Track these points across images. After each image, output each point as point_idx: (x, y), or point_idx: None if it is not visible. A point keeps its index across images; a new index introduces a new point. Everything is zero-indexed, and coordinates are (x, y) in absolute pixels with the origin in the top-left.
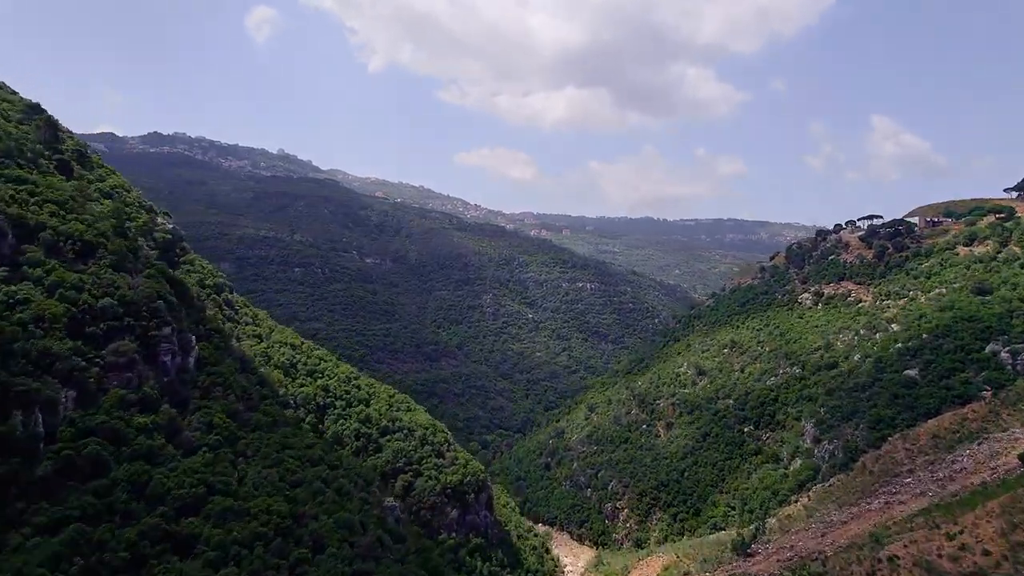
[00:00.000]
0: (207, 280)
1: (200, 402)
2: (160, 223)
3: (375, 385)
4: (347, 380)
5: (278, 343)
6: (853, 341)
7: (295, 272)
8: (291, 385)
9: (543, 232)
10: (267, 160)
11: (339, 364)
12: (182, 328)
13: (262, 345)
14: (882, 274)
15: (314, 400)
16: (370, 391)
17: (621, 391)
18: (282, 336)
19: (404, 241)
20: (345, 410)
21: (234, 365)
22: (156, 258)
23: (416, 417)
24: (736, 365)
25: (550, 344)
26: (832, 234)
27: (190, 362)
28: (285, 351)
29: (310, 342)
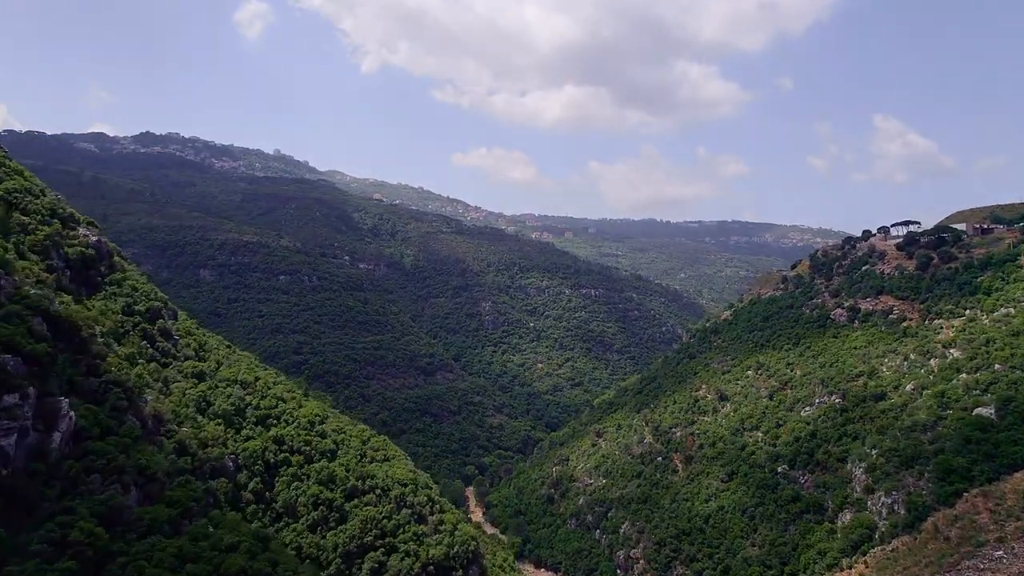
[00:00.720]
0: (137, 305)
1: (60, 502)
2: (80, 235)
3: (345, 429)
4: (310, 426)
5: (225, 382)
6: (902, 368)
7: (280, 280)
8: (233, 440)
9: (545, 235)
10: (263, 161)
11: (303, 403)
12: (47, 391)
13: (201, 387)
14: (928, 288)
15: (262, 459)
16: (337, 439)
17: (631, 415)
18: (232, 371)
19: (399, 246)
20: (303, 468)
21: (134, 431)
22: (67, 280)
23: (394, 470)
24: (763, 390)
25: (552, 355)
26: (861, 241)
27: (54, 440)
28: (232, 392)
29: (270, 373)
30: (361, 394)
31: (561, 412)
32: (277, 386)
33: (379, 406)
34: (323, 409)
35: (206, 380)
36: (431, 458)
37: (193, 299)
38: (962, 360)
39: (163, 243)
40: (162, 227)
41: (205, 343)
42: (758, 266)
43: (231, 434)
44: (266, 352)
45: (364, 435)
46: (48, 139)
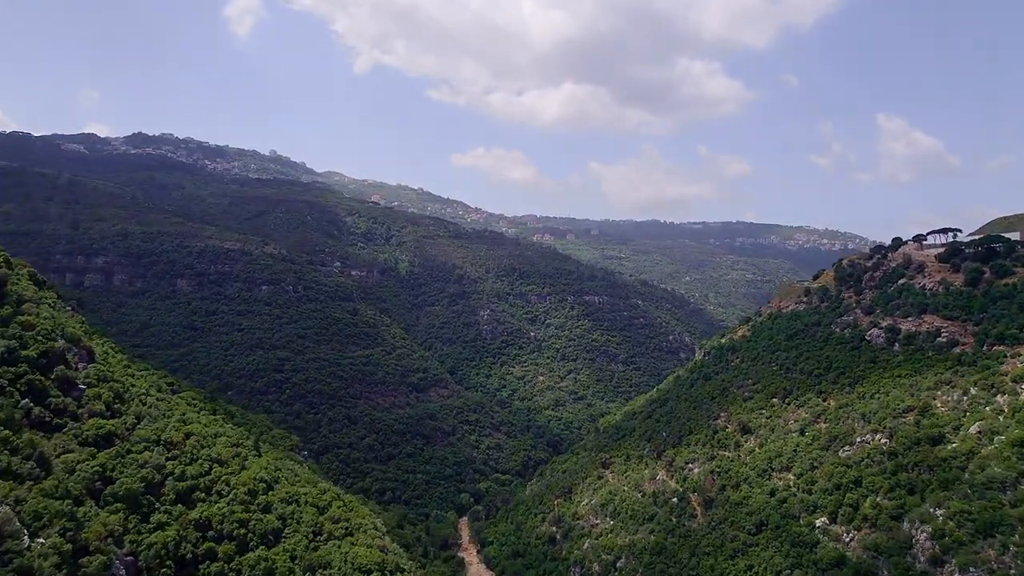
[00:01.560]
0: (27, 349)
1: None
2: None
3: (300, 494)
4: (250, 497)
5: (142, 443)
6: (960, 404)
7: (261, 291)
8: (137, 532)
9: (546, 237)
10: (258, 162)
11: (249, 461)
12: None
13: (103, 457)
14: (983, 308)
15: (175, 555)
16: (286, 512)
17: (641, 444)
18: (154, 428)
19: (394, 251)
20: (233, 561)
21: None
22: None
23: (357, 550)
24: (792, 423)
25: (554, 366)
26: (892, 251)
27: None
28: (148, 459)
29: (214, 421)
30: (347, 416)
31: (563, 429)
32: (219, 440)
33: (366, 428)
34: (275, 468)
35: (115, 444)
36: (421, 486)
37: (168, 311)
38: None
39: (138, 251)
40: (137, 233)
41: (126, 390)
42: (764, 269)
43: (135, 522)
44: (244, 370)
45: (323, 500)
46: (34, 140)
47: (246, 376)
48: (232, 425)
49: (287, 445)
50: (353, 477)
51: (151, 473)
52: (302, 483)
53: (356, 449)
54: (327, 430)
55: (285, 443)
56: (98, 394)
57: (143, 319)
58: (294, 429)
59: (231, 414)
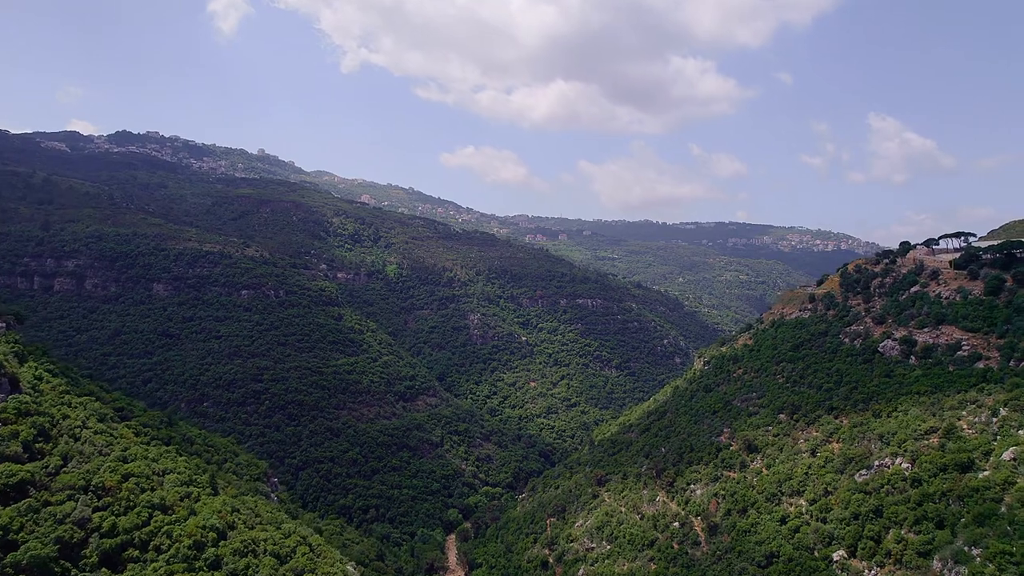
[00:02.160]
0: None
1: None
2: None
3: (260, 538)
4: (195, 551)
5: (67, 491)
6: (990, 426)
7: (242, 295)
8: None
9: (539, 237)
10: (246, 161)
11: (201, 503)
12: None
13: (7, 513)
14: (1007, 320)
15: None
16: (239, 567)
17: (639, 460)
18: (83, 471)
19: (382, 253)
20: None
21: None
22: None
23: None
24: (802, 443)
25: (546, 372)
26: (901, 256)
27: None
28: (68, 512)
29: (164, 455)
30: (329, 428)
31: (556, 438)
32: (167, 479)
33: (349, 441)
34: (232, 509)
35: (29, 495)
36: (407, 502)
37: (143, 317)
38: None
39: (112, 254)
40: (112, 235)
41: (55, 425)
42: (758, 270)
43: None
44: (221, 380)
45: (286, 546)
46: (12, 138)
47: (223, 386)
48: (187, 457)
49: (253, 474)
50: (335, 494)
51: (70, 531)
52: (263, 525)
53: (338, 464)
54: (308, 443)
55: (251, 471)
56: (15, 432)
57: (115, 326)
58: (273, 443)
59: (190, 440)
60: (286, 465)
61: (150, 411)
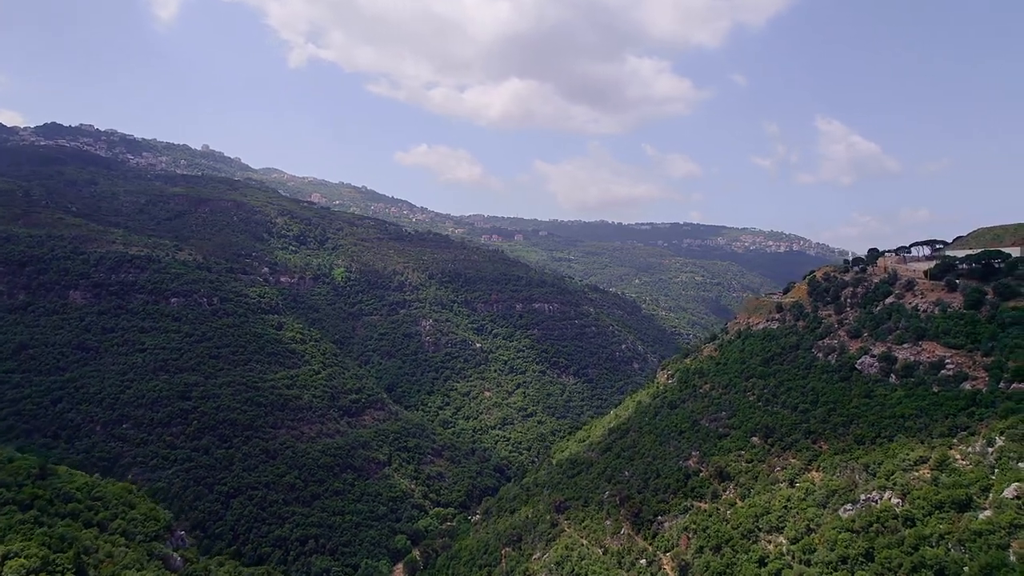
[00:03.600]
0: None
1: None
2: None
3: None
4: None
5: None
6: (987, 457)
7: (171, 304)
8: None
9: (494, 238)
10: (188, 157)
11: None
12: None
13: None
14: (992, 336)
15: None
16: None
17: (600, 484)
18: None
19: (329, 255)
20: None
21: None
22: None
23: None
24: (779, 471)
25: (501, 380)
26: (872, 264)
27: None
28: None
29: None
30: (265, 449)
31: (512, 450)
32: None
33: (287, 464)
34: None
35: None
36: (350, 530)
37: (55, 329)
38: None
39: (23, 257)
40: (23, 237)
41: None
42: (713, 271)
43: None
44: (143, 399)
45: None
46: None
47: (146, 405)
48: (48, 528)
49: (150, 531)
50: (269, 524)
51: None
52: None
53: (274, 489)
54: (241, 467)
55: (148, 528)
56: None
57: (22, 339)
58: (201, 468)
59: (67, 497)
60: (215, 493)
61: (20, 458)
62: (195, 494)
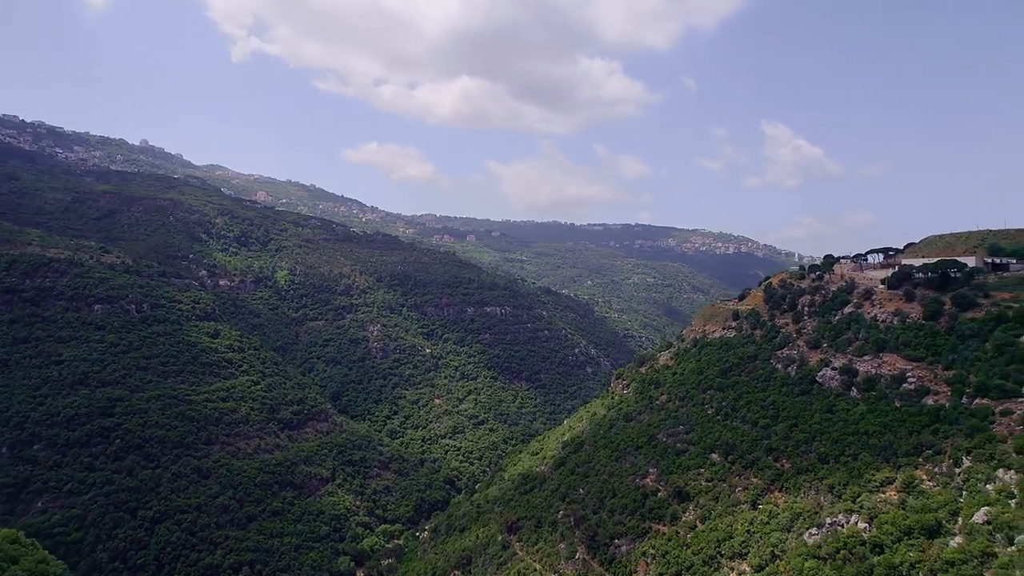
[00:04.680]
0: None
1: None
2: None
3: None
4: None
5: None
6: (954, 478)
7: (94, 311)
8: None
9: (446, 238)
10: (126, 152)
11: None
12: None
13: None
14: (953, 348)
15: None
16: None
17: (554, 503)
18: None
19: (272, 257)
20: None
21: None
22: None
23: None
24: (740, 491)
25: (452, 387)
26: (829, 272)
27: None
28: None
29: None
30: (196, 468)
31: (463, 460)
32: None
33: (221, 483)
34: None
35: None
36: (290, 554)
37: None
38: None
39: None
40: None
41: None
42: (664, 272)
43: None
44: (58, 416)
45: None
46: None
47: (61, 424)
48: None
49: None
50: (199, 551)
51: None
52: None
53: (206, 513)
54: (168, 489)
55: None
56: None
57: None
58: (123, 492)
59: None
60: (139, 519)
61: None
62: (115, 521)
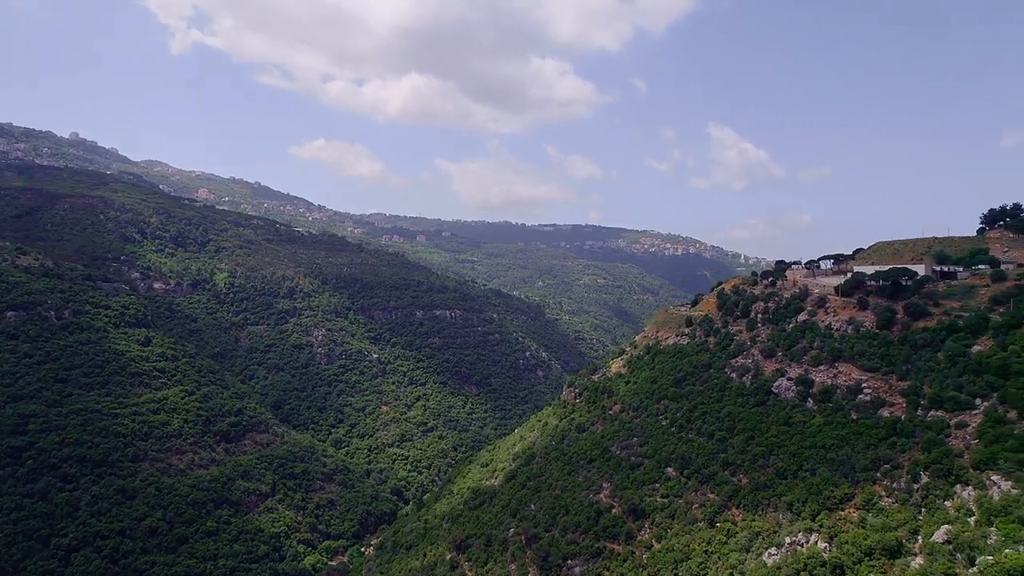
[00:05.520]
0: None
1: None
2: None
3: None
4: None
5: None
6: (913, 495)
7: (7, 318)
8: None
9: (396, 238)
10: (53, 145)
11: None
12: None
13: None
14: (907, 359)
15: None
16: None
17: (505, 519)
18: None
19: (211, 259)
20: None
21: None
22: None
23: None
24: (697, 508)
25: (400, 393)
26: (781, 279)
27: None
28: None
29: None
30: (121, 488)
31: (411, 470)
32: None
33: (149, 504)
34: None
35: None
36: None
37: None
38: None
39: None
40: None
41: None
42: (614, 273)
43: None
44: None
45: None
46: None
47: None
48: None
49: None
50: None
51: None
52: None
53: (131, 537)
54: (88, 513)
55: None
56: None
57: None
58: (35, 518)
59: None
60: (52, 547)
61: None
62: (24, 551)
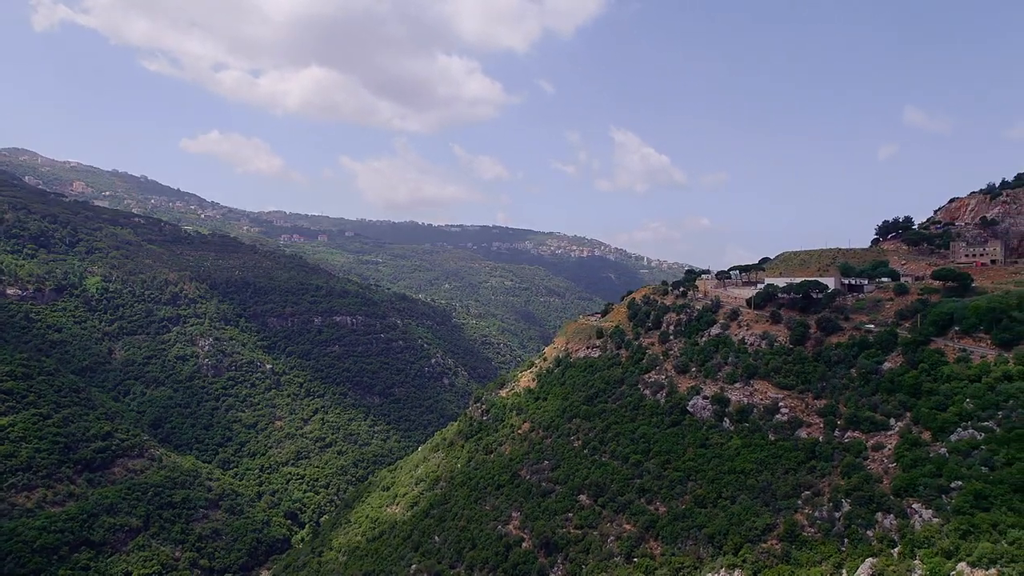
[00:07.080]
0: None
1: None
2: None
3: None
4: None
5: None
6: (835, 524)
7: None
8: None
9: (295, 238)
10: None
11: None
12: None
13: None
14: (822, 377)
15: None
16: None
17: (408, 556)
18: None
19: (81, 261)
20: None
21: None
22: None
23: None
24: (613, 541)
25: (296, 406)
26: (691, 288)
27: None
28: None
29: None
30: None
31: (308, 489)
32: None
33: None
34: None
35: None
36: None
37: None
38: (936, 527)
39: None
40: None
41: None
42: (521, 275)
43: None
44: None
45: None
46: None
47: None
48: None
49: None
50: None
51: None
52: None
53: None
54: None
55: None
56: None
57: None
58: None
59: None
60: None
61: None
62: None
